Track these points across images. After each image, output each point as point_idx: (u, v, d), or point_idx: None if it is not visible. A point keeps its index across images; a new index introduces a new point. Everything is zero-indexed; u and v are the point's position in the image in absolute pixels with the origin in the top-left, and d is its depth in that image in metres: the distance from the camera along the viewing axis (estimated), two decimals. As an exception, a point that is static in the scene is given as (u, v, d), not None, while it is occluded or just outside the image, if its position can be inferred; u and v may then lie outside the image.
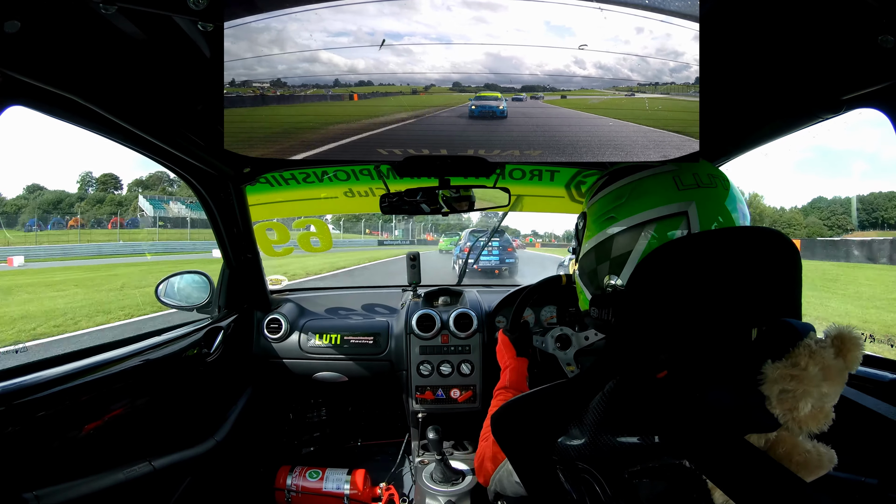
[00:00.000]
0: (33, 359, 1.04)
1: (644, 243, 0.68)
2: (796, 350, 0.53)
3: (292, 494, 1.80)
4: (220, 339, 1.62)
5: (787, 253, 0.61)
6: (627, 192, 0.72)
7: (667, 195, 0.68)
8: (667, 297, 0.60)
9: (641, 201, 0.69)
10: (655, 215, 0.67)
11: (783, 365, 0.52)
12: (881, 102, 0.77)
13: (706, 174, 0.70)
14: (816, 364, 0.52)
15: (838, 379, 0.53)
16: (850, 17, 0.69)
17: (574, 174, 1.76)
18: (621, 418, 0.59)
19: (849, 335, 0.55)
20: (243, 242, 1.70)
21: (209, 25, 0.76)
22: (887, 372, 0.90)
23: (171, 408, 1.36)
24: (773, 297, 0.60)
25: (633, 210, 0.69)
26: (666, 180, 0.69)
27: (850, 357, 0.54)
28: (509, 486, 0.83)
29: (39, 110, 0.84)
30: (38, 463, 0.92)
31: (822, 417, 0.53)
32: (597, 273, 0.75)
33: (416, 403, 1.75)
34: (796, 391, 0.51)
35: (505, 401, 1.05)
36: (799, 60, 0.84)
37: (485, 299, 1.90)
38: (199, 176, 1.43)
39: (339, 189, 1.85)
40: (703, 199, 0.66)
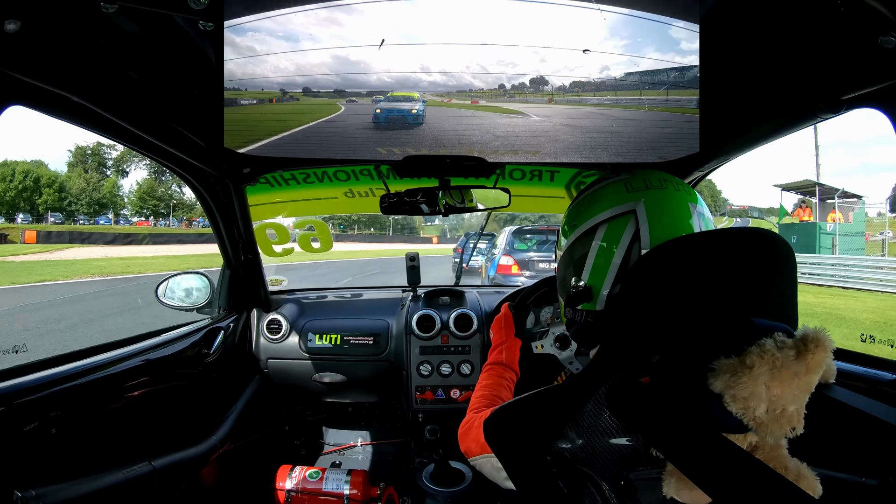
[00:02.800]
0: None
1: (597, 244, 0.72)
2: (750, 348, 0.52)
3: (292, 494, 1.79)
4: (220, 339, 1.62)
5: (782, 253, 0.61)
6: (585, 201, 0.77)
7: (617, 198, 0.72)
8: (659, 300, 0.60)
9: (595, 207, 0.74)
10: (606, 216, 0.72)
11: (730, 361, 0.52)
12: (881, 102, 0.77)
13: (657, 178, 0.74)
14: (766, 363, 0.51)
15: (795, 381, 0.52)
16: (850, 17, 0.69)
17: (574, 174, 1.76)
18: (612, 421, 0.60)
19: (812, 336, 0.53)
20: (243, 243, 1.70)
21: (209, 25, 0.76)
22: (887, 372, 0.90)
23: (171, 408, 1.36)
24: (766, 297, 0.60)
25: (588, 216, 0.74)
26: (618, 186, 0.74)
27: (812, 360, 0.52)
28: (489, 473, 0.84)
29: (40, 110, 0.84)
30: (38, 462, 0.92)
31: (785, 421, 0.52)
32: (565, 279, 0.79)
33: (416, 403, 1.75)
34: (739, 388, 0.50)
35: (497, 376, 1.04)
36: (799, 60, 0.84)
37: (485, 300, 1.90)
38: (199, 176, 1.43)
39: (339, 189, 1.85)
40: (652, 199, 0.70)
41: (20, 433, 0.89)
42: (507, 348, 1.13)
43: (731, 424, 0.52)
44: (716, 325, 0.57)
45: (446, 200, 1.35)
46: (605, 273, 0.71)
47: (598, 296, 0.72)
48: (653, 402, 0.55)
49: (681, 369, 0.56)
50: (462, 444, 0.90)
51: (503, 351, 1.12)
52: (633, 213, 0.69)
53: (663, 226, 0.68)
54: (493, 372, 1.07)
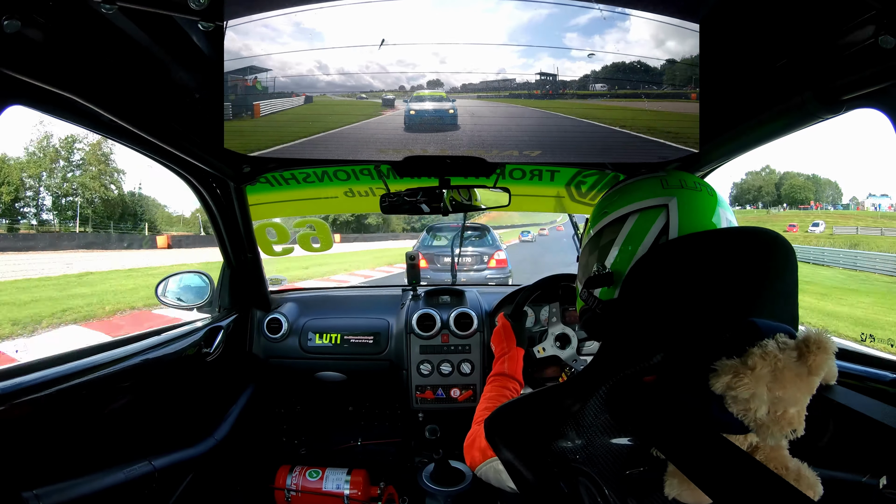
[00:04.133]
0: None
1: (626, 230, 0.73)
2: (752, 349, 0.52)
3: (292, 494, 1.80)
4: (220, 338, 1.62)
5: (784, 253, 0.61)
6: (619, 192, 0.78)
7: (651, 192, 0.73)
8: (661, 298, 0.60)
9: (628, 196, 0.75)
10: (639, 206, 0.72)
11: (732, 362, 0.51)
12: (881, 102, 0.77)
13: (692, 180, 0.75)
14: (768, 365, 0.50)
15: (797, 383, 0.51)
16: (850, 17, 0.69)
17: (574, 174, 1.75)
18: (614, 420, 0.59)
19: (815, 338, 0.53)
20: (243, 242, 1.70)
21: (210, 25, 0.76)
22: (887, 372, 0.90)
23: (171, 407, 1.37)
24: (767, 297, 0.60)
25: (621, 204, 0.75)
26: (653, 182, 0.75)
27: (813, 362, 0.51)
28: (494, 479, 0.84)
29: (39, 110, 0.84)
30: (38, 462, 0.92)
31: (786, 423, 0.52)
32: (588, 264, 0.80)
33: (416, 403, 1.75)
34: (741, 389, 0.50)
35: (500, 387, 1.05)
36: (799, 60, 0.84)
37: (485, 299, 1.90)
38: (199, 176, 1.43)
39: (339, 189, 1.85)
40: (685, 198, 0.71)
41: (20, 433, 0.89)
42: (508, 358, 1.13)
43: (731, 425, 0.52)
44: (717, 325, 0.56)
45: (446, 200, 1.35)
46: (629, 261, 0.71)
47: (618, 282, 0.72)
48: (654, 402, 0.55)
49: (682, 369, 0.56)
50: (467, 457, 0.91)
51: (505, 361, 1.13)
52: (665, 207, 0.70)
53: (692, 224, 0.68)
54: (496, 383, 1.07)
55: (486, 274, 7.22)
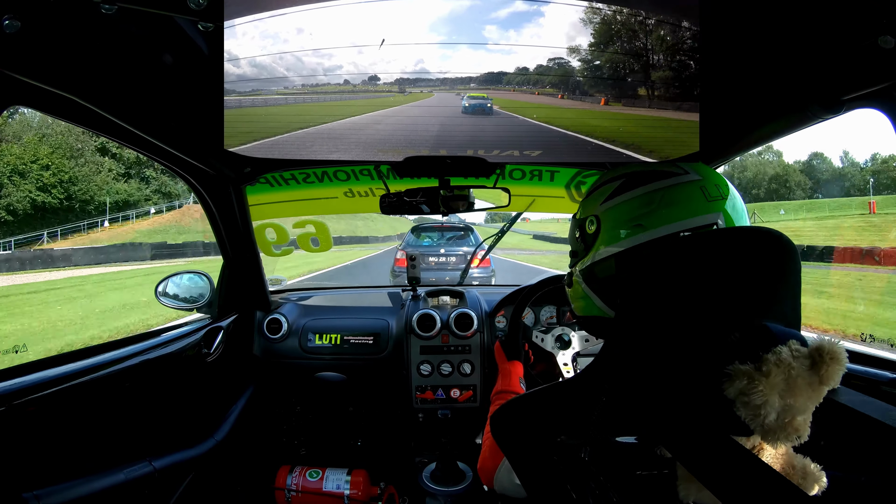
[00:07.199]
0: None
1: None
2: (766, 356, 0.51)
3: (292, 494, 1.79)
4: (220, 338, 1.62)
5: (788, 253, 0.60)
6: (657, 199, 0.70)
7: (698, 206, 0.68)
8: (665, 298, 0.60)
9: (672, 211, 0.68)
10: (690, 226, 0.67)
11: (746, 368, 0.51)
12: (881, 102, 0.77)
13: (723, 184, 0.71)
14: (782, 372, 0.50)
15: (808, 392, 0.51)
16: (850, 17, 0.69)
17: (574, 174, 1.75)
18: (618, 419, 0.59)
19: (828, 348, 0.52)
20: (243, 242, 1.70)
21: (209, 25, 0.76)
22: (887, 372, 0.90)
23: (171, 408, 1.36)
24: (773, 298, 0.59)
25: (665, 220, 0.68)
26: (694, 190, 0.69)
27: (826, 372, 0.51)
28: (510, 486, 0.83)
29: (39, 110, 0.84)
30: (38, 463, 0.92)
31: (792, 430, 0.51)
32: (617, 280, 0.73)
33: (417, 403, 1.75)
34: (754, 396, 0.49)
35: (501, 403, 1.05)
36: (799, 61, 0.84)
37: (485, 299, 1.90)
38: (199, 176, 1.43)
39: (339, 189, 1.85)
40: (728, 211, 0.68)
41: (20, 433, 0.89)
42: (502, 376, 1.17)
43: (738, 427, 0.52)
44: (729, 328, 0.56)
45: (446, 199, 1.35)
46: None
47: None
48: (660, 401, 0.55)
49: (690, 369, 0.55)
50: (482, 474, 0.91)
51: (503, 377, 1.16)
52: (714, 226, 0.67)
53: None
54: (499, 400, 1.09)
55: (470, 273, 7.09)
